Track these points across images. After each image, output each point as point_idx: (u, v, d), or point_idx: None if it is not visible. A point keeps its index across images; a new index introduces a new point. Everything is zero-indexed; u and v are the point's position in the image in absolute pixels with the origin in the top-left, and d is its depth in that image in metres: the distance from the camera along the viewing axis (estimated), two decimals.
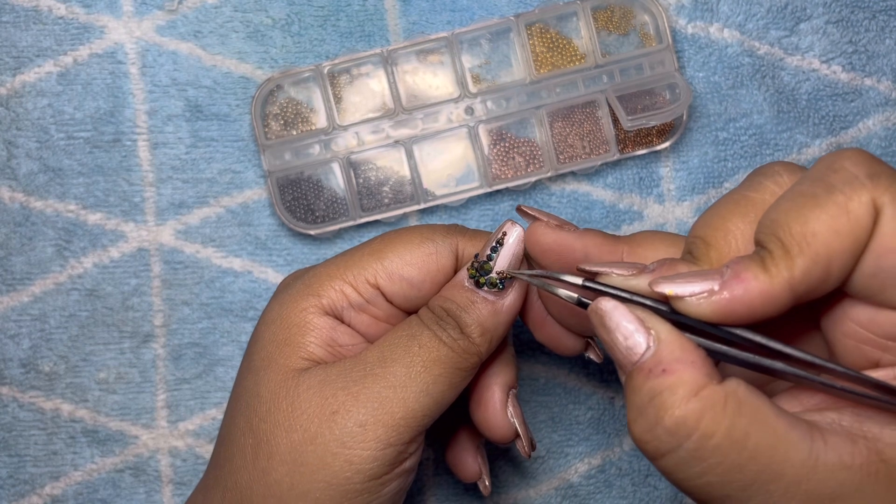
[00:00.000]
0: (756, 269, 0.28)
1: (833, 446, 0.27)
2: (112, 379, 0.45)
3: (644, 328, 0.28)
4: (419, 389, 0.34)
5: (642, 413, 0.27)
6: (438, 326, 0.35)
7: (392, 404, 0.34)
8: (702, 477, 0.27)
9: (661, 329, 0.28)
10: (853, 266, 0.28)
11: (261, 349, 0.36)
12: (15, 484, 0.44)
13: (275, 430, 0.34)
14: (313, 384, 0.34)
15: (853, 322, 0.29)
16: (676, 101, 0.43)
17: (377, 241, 0.37)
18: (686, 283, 0.28)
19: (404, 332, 0.35)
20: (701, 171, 0.46)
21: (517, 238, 0.36)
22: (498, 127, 0.45)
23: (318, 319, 0.35)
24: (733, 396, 0.27)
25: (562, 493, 0.46)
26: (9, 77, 0.44)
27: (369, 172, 0.44)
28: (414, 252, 0.36)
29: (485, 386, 0.37)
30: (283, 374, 0.35)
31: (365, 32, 0.45)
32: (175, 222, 0.45)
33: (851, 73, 0.46)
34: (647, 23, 0.45)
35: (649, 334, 0.28)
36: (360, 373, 0.34)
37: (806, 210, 0.28)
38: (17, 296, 0.44)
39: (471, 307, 0.35)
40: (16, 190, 0.44)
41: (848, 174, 0.28)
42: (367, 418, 0.33)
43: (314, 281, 0.36)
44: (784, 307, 0.28)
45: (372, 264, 0.36)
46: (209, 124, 0.45)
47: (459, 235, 0.37)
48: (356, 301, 0.36)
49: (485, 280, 0.35)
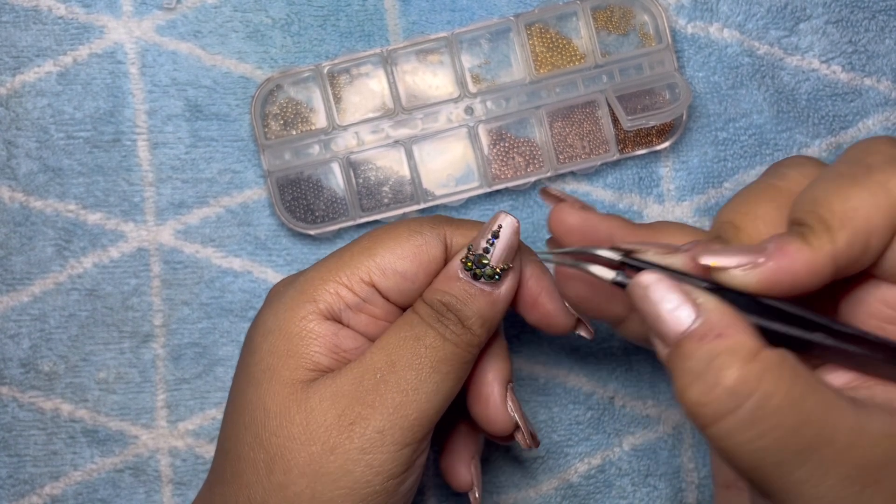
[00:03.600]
0: (799, 242, 0.29)
1: (876, 416, 0.28)
2: (112, 379, 0.45)
3: (690, 298, 0.29)
4: (430, 390, 0.35)
5: (700, 377, 0.28)
6: (441, 323, 0.35)
7: (406, 408, 0.34)
8: (758, 440, 0.27)
9: (707, 299, 0.29)
10: (889, 242, 0.29)
11: (259, 361, 0.35)
12: (15, 484, 0.44)
13: (290, 443, 0.34)
14: (326, 396, 0.34)
15: (880, 302, 0.30)
16: (676, 101, 0.43)
17: (365, 239, 0.37)
18: (730, 254, 0.29)
19: (408, 332, 0.35)
20: (701, 171, 0.46)
21: (513, 229, 0.36)
22: (497, 127, 0.45)
23: (320, 327, 0.35)
24: (788, 361, 0.28)
25: (561, 493, 0.46)
26: (8, 77, 0.44)
27: (369, 172, 0.44)
28: (404, 245, 0.36)
29: (483, 382, 0.38)
30: (290, 387, 0.35)
31: (365, 32, 0.45)
32: (175, 222, 0.45)
33: (851, 72, 0.46)
34: (646, 23, 0.45)
35: (696, 303, 0.29)
36: (371, 381, 0.34)
37: (845, 188, 0.29)
38: (17, 295, 0.44)
39: (470, 300, 0.35)
40: (16, 190, 0.44)
41: (886, 156, 0.29)
42: (384, 424, 0.34)
43: (308, 286, 0.36)
44: (825, 280, 0.29)
45: (364, 262, 0.36)
46: (209, 124, 0.45)
47: (446, 225, 0.37)
48: (353, 301, 0.36)
49: (481, 272, 0.35)
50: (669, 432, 0.46)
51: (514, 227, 0.36)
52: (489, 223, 0.36)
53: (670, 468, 0.46)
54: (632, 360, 0.46)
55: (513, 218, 0.36)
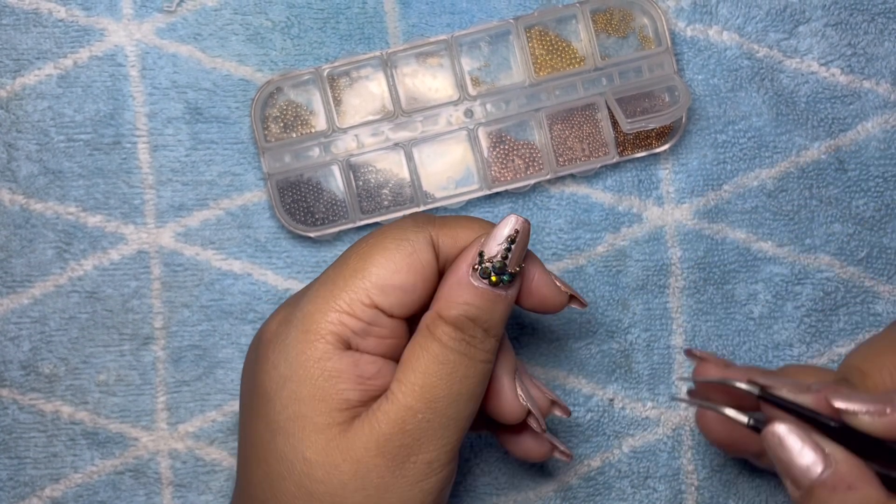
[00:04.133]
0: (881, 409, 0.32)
1: None
2: (112, 381, 0.45)
3: (820, 449, 0.32)
4: (471, 411, 0.36)
5: None
6: (468, 346, 0.35)
7: (451, 437, 0.35)
8: None
9: (835, 450, 0.32)
10: None
11: (283, 409, 0.35)
12: (15, 486, 0.44)
13: (342, 490, 0.34)
14: (371, 445, 0.34)
15: None
16: (676, 104, 0.43)
17: (352, 259, 0.36)
18: (860, 402, 0.32)
19: (438, 366, 0.35)
20: (700, 174, 0.46)
21: (528, 232, 0.36)
22: (497, 129, 0.45)
23: (340, 363, 0.35)
24: None
25: (561, 495, 0.46)
26: (9, 80, 0.44)
27: (369, 175, 0.44)
28: (395, 257, 0.35)
29: (493, 377, 0.37)
30: (326, 433, 0.34)
31: (364, 35, 0.45)
32: (175, 225, 0.45)
33: (850, 75, 0.46)
34: (646, 25, 0.45)
35: (826, 455, 0.32)
36: (413, 423, 0.34)
37: None
38: (17, 298, 0.44)
39: (493, 307, 0.35)
40: (16, 192, 0.44)
41: None
42: (432, 456, 0.35)
43: (310, 323, 0.35)
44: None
45: (360, 284, 0.35)
46: (209, 127, 0.45)
47: (429, 225, 0.36)
48: (359, 327, 0.35)
49: (498, 278, 0.35)
50: (669, 434, 0.46)
51: (529, 230, 0.36)
52: (500, 227, 0.36)
53: (670, 470, 0.46)
54: (631, 363, 0.46)
55: (524, 220, 0.36)
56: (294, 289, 0.45)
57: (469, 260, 0.35)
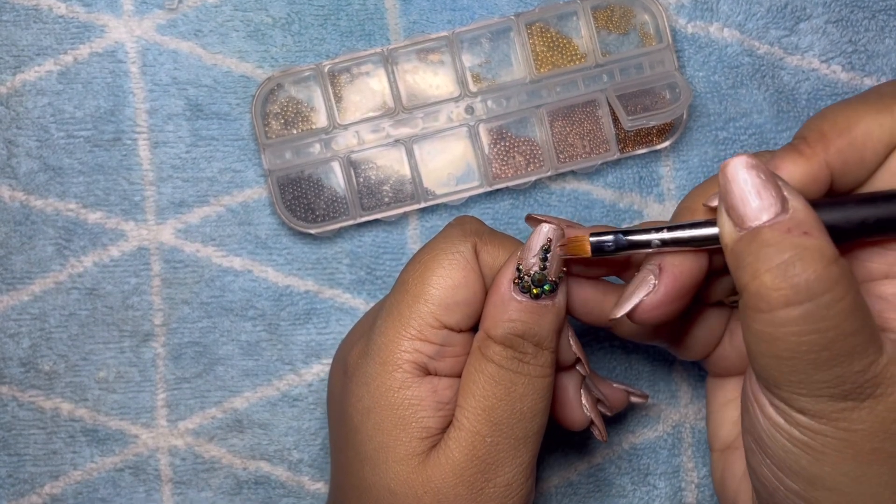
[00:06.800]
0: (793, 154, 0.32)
1: None
2: (112, 378, 0.45)
3: (780, 191, 0.30)
4: (539, 426, 0.36)
5: (779, 264, 0.29)
6: (521, 363, 0.35)
7: (524, 455, 0.35)
8: (810, 334, 0.29)
9: (795, 197, 0.30)
10: (883, 159, 0.32)
11: (368, 439, 0.35)
12: (14, 483, 0.44)
13: None
14: (448, 475, 0.34)
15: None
16: (676, 101, 0.43)
17: (410, 283, 0.36)
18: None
19: (495, 388, 0.35)
20: (701, 171, 0.46)
21: (558, 239, 0.35)
22: (498, 126, 0.45)
23: (419, 390, 0.35)
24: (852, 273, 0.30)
25: (562, 491, 0.46)
26: (9, 76, 0.44)
27: (369, 171, 0.44)
28: (452, 274, 0.35)
29: (557, 386, 0.38)
30: (407, 464, 0.35)
31: (365, 31, 0.45)
32: (175, 221, 0.45)
33: (851, 72, 0.46)
34: (647, 22, 0.45)
35: (784, 197, 0.30)
36: (483, 447, 0.34)
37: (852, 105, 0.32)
38: (17, 295, 0.44)
39: (539, 319, 0.35)
40: (16, 189, 0.44)
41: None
42: (509, 478, 0.35)
43: (386, 355, 0.35)
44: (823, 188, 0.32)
45: (424, 308, 0.35)
46: (209, 123, 0.45)
47: (473, 235, 0.36)
48: (433, 351, 0.35)
49: (539, 290, 0.35)
50: (669, 431, 0.46)
51: (561, 236, 0.36)
52: (533, 238, 0.35)
53: (670, 467, 0.46)
54: (631, 359, 0.46)
55: (555, 227, 0.35)
56: (294, 286, 0.45)
57: (509, 275, 0.35)
